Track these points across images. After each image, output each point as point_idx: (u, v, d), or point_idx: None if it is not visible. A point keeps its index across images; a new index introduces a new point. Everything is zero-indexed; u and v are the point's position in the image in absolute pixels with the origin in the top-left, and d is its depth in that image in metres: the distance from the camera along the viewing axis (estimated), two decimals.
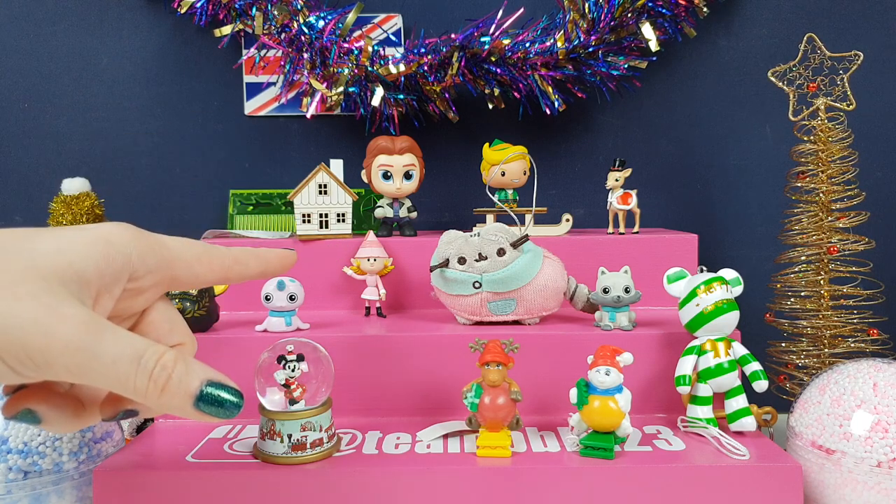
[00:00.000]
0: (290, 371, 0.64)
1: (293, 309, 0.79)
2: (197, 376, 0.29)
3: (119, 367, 0.27)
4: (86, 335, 0.27)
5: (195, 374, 0.29)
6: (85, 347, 0.26)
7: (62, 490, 0.62)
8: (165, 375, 0.28)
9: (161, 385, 0.28)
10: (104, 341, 0.27)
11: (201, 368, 0.29)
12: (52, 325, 0.26)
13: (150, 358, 0.28)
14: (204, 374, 0.29)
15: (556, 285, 0.79)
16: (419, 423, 0.74)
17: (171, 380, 0.28)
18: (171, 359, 0.28)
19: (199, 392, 0.29)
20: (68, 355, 0.26)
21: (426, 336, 0.77)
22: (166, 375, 0.28)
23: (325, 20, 0.98)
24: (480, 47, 0.95)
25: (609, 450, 0.64)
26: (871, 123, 1.03)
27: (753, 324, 0.87)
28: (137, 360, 0.27)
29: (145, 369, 0.27)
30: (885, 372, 0.65)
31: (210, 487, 0.62)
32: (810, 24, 1.03)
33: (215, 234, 0.95)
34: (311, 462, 0.64)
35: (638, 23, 0.96)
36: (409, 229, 0.94)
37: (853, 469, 0.62)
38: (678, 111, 1.08)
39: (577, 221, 0.99)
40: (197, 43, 1.06)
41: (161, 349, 0.28)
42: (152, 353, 0.28)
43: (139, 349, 0.28)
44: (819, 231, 0.85)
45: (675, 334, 0.76)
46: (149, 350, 0.28)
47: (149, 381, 0.28)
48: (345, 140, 1.08)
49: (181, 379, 0.28)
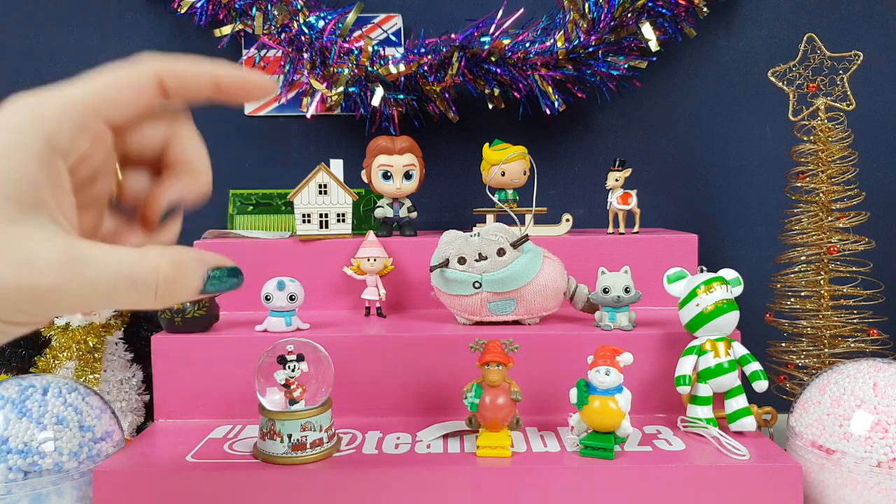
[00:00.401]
0: (290, 371, 0.64)
1: (293, 309, 0.79)
2: (198, 274, 0.28)
3: (115, 284, 0.26)
4: (69, 266, 0.25)
5: (195, 272, 0.28)
6: (74, 276, 0.25)
7: (62, 490, 0.62)
8: (170, 289, 0.27)
9: (167, 297, 0.27)
10: (91, 265, 0.25)
11: (196, 261, 0.28)
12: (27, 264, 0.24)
13: (147, 275, 0.26)
14: (202, 266, 0.28)
15: (556, 285, 0.79)
16: (419, 423, 0.74)
17: (177, 287, 0.27)
18: (171, 268, 0.27)
19: (203, 287, 0.28)
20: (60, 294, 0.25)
21: (426, 336, 0.77)
22: (171, 287, 0.27)
23: (325, 20, 0.98)
24: (480, 47, 0.95)
25: (609, 450, 0.64)
26: (871, 123, 1.03)
27: (753, 324, 0.87)
28: (134, 278, 0.26)
29: (147, 285, 0.26)
30: (885, 372, 0.65)
31: (210, 487, 0.62)
32: (810, 24, 1.03)
33: (215, 234, 0.95)
34: (311, 462, 0.64)
35: (638, 23, 0.96)
36: (409, 229, 0.94)
37: (853, 469, 0.62)
38: (678, 111, 1.08)
39: (577, 221, 0.99)
40: (197, 43, 1.06)
41: (153, 261, 0.26)
42: (147, 270, 0.26)
43: (132, 265, 0.26)
44: (819, 231, 0.85)
45: (675, 334, 0.76)
46: (141, 266, 0.26)
47: (154, 297, 0.27)
48: (345, 140, 1.08)
49: (185, 284, 0.27)
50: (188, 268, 0.27)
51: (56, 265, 0.25)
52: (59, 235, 0.26)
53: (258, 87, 0.32)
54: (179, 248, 0.28)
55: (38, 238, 0.25)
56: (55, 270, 0.25)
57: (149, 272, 0.26)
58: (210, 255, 0.29)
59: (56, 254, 0.25)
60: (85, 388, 0.70)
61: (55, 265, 0.25)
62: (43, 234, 0.25)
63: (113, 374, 0.85)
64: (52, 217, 0.26)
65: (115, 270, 0.26)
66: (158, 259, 0.26)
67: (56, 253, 0.25)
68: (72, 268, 0.25)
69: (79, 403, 0.67)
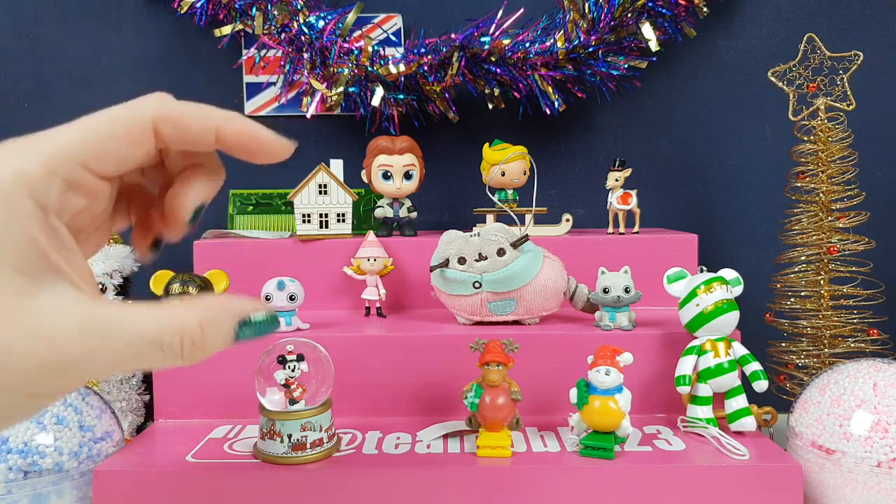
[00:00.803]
0: (290, 371, 0.64)
1: (293, 309, 0.79)
2: (227, 327, 0.26)
3: (139, 350, 0.24)
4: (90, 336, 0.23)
5: (224, 326, 0.26)
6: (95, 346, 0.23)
7: (62, 490, 0.62)
8: (198, 349, 0.25)
9: (195, 356, 0.25)
10: (112, 332, 0.24)
11: (225, 314, 0.26)
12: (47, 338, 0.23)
13: (172, 338, 0.24)
14: (231, 318, 0.26)
15: (556, 285, 0.79)
16: (419, 423, 0.74)
17: (205, 346, 0.25)
18: (196, 329, 0.25)
19: (234, 339, 0.26)
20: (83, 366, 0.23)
21: (426, 336, 0.77)
22: (199, 348, 0.25)
23: (325, 20, 0.98)
24: (480, 47, 0.95)
25: (609, 450, 0.64)
26: (871, 123, 1.03)
27: (753, 324, 0.87)
28: (158, 343, 0.24)
29: (172, 349, 0.25)
30: (885, 372, 0.65)
31: (210, 487, 0.62)
32: (810, 24, 1.03)
33: (215, 234, 0.95)
34: (311, 462, 0.64)
35: (638, 23, 0.96)
36: (409, 229, 0.94)
37: (853, 469, 0.62)
38: (678, 111, 1.08)
39: (577, 221, 0.99)
40: (197, 43, 1.06)
41: (177, 321, 0.25)
42: (171, 332, 0.25)
43: (155, 329, 0.24)
44: (819, 231, 0.85)
45: (675, 334, 0.76)
46: (166, 329, 0.24)
47: (181, 359, 0.25)
48: (345, 140, 1.08)
49: (214, 340, 0.25)
50: (216, 324, 0.26)
51: (77, 337, 0.23)
52: (77, 301, 0.24)
53: (268, 148, 0.29)
54: (207, 302, 0.26)
55: (56, 308, 0.24)
56: (76, 342, 0.23)
57: (173, 335, 0.25)
58: (240, 304, 0.26)
59: (76, 324, 0.23)
60: (85, 388, 0.70)
61: (76, 337, 0.23)
62: (60, 303, 0.24)
63: (113, 374, 0.85)
64: (67, 279, 0.25)
65: (137, 336, 0.24)
66: (183, 320, 0.25)
67: (76, 323, 0.23)
68: (93, 337, 0.24)
69: (79, 403, 0.67)
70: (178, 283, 0.78)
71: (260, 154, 0.29)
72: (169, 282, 0.78)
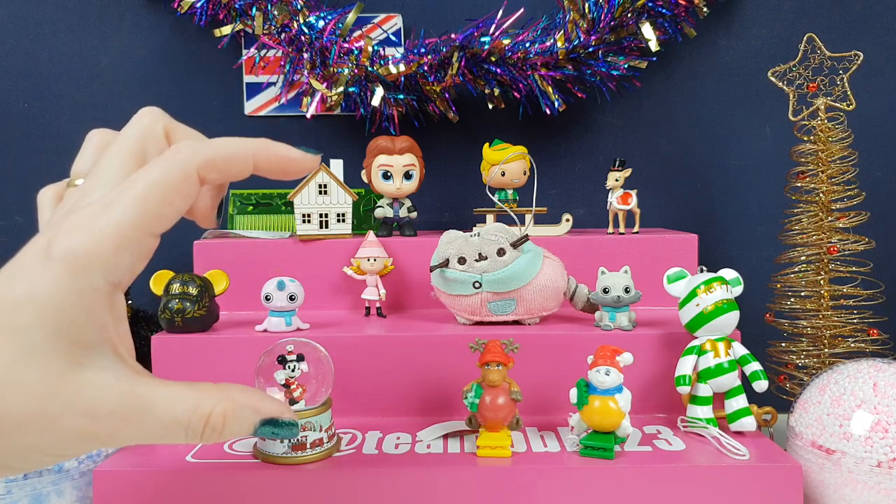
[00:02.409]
0: (290, 371, 0.64)
1: (293, 309, 0.79)
2: (249, 423, 0.28)
3: (168, 430, 0.27)
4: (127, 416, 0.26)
5: (247, 420, 0.28)
6: (130, 421, 0.26)
7: (62, 490, 0.62)
8: (216, 435, 0.27)
9: (214, 440, 0.28)
10: (148, 415, 0.26)
11: (251, 411, 0.28)
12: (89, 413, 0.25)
13: (198, 423, 0.27)
14: (255, 416, 0.28)
15: (556, 285, 0.79)
16: (419, 423, 0.74)
17: (223, 434, 0.28)
18: (219, 418, 0.27)
19: (255, 432, 0.28)
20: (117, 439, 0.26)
21: (426, 336, 0.77)
22: (217, 434, 0.27)
23: (325, 20, 0.98)
24: (480, 47, 0.95)
25: (609, 450, 0.64)
26: (871, 123, 1.03)
27: (753, 324, 0.87)
28: (185, 425, 0.27)
29: (195, 432, 0.27)
30: (885, 372, 0.65)
31: (210, 487, 0.62)
32: (810, 24, 1.03)
33: (215, 233, 0.95)
34: (311, 462, 0.64)
35: (638, 23, 0.96)
36: (409, 229, 0.94)
37: (853, 469, 0.62)
38: (678, 111, 1.08)
39: (577, 221, 0.99)
40: (197, 43, 1.06)
41: (206, 408, 0.27)
42: (199, 418, 0.27)
43: (186, 413, 0.27)
44: (819, 231, 0.85)
45: (675, 334, 0.76)
46: (195, 414, 0.27)
47: (200, 440, 0.27)
48: (345, 140, 1.08)
49: (233, 430, 0.28)
50: (240, 418, 0.28)
51: (116, 415, 0.25)
52: (121, 378, 0.26)
53: (300, 166, 0.31)
54: (239, 394, 0.28)
55: (101, 383, 0.26)
56: (115, 419, 0.25)
57: (199, 421, 0.27)
58: (269, 406, 0.29)
59: (117, 402, 0.26)
60: None
61: (115, 415, 0.25)
62: (105, 378, 0.26)
63: None
64: (115, 351, 0.27)
65: (169, 418, 0.26)
66: (211, 407, 0.27)
67: (117, 401, 0.26)
68: (130, 416, 0.26)
69: None
70: (179, 282, 0.78)
71: (293, 173, 0.31)
72: (169, 282, 0.78)
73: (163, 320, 0.78)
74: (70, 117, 1.07)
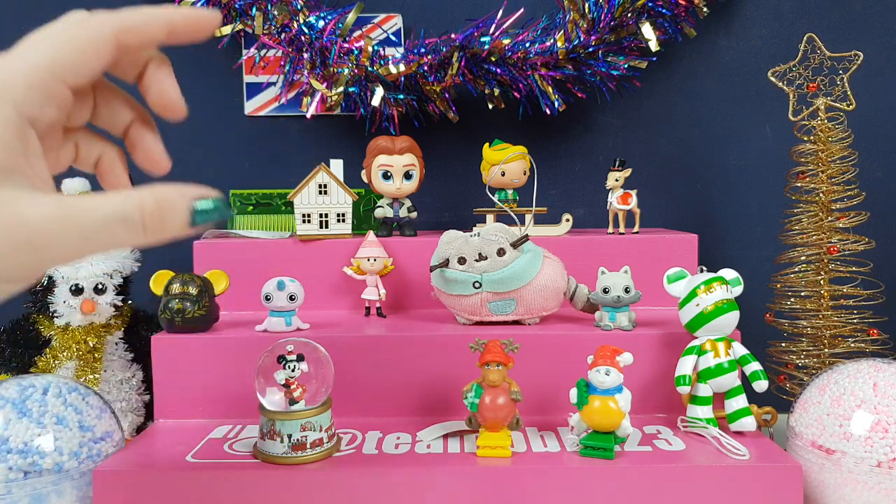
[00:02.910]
0: (290, 371, 0.64)
1: (293, 309, 0.79)
2: (182, 205, 0.29)
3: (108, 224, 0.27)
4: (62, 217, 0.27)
5: (180, 204, 0.29)
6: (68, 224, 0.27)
7: (62, 490, 0.62)
8: (157, 223, 0.28)
9: (156, 231, 0.28)
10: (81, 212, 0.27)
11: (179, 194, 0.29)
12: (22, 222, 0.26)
13: (133, 211, 0.27)
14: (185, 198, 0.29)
15: (556, 285, 0.79)
16: (419, 423, 0.74)
17: (164, 224, 0.28)
18: (152, 204, 0.28)
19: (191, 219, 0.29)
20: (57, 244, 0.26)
21: (426, 336, 0.77)
22: (158, 223, 0.28)
23: (325, 20, 0.98)
24: (480, 47, 0.95)
25: (609, 450, 0.64)
26: (871, 123, 1.03)
27: (753, 324, 0.87)
28: (122, 215, 0.27)
29: (134, 221, 0.28)
30: (885, 372, 0.65)
31: (210, 487, 0.62)
32: (810, 24, 1.03)
33: (215, 234, 0.95)
34: (311, 462, 0.64)
35: (638, 23, 0.96)
36: (409, 229, 0.94)
37: (853, 469, 0.62)
38: (678, 111, 1.08)
39: (577, 221, 0.99)
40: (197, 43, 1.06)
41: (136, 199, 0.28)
42: (132, 207, 0.28)
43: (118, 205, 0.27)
44: (819, 231, 0.85)
45: (675, 334, 0.76)
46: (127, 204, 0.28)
47: (144, 232, 0.28)
48: (345, 140, 1.08)
49: (171, 217, 0.28)
50: (172, 200, 0.29)
51: (49, 218, 0.26)
52: (47, 193, 0.27)
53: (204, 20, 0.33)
54: (163, 185, 0.29)
55: (28, 196, 0.27)
56: (50, 222, 0.26)
57: (134, 209, 0.28)
58: (193, 188, 0.30)
59: (49, 208, 0.27)
60: (85, 388, 0.69)
61: (49, 218, 0.26)
62: (27, 195, 0.27)
63: (113, 374, 0.85)
64: (31, 182, 0.28)
65: (103, 213, 0.27)
66: (142, 197, 0.28)
67: (49, 207, 0.27)
68: (65, 218, 0.27)
69: (79, 403, 0.67)
70: (179, 282, 0.78)
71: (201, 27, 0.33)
72: (169, 282, 0.78)
73: (163, 320, 0.78)
74: None
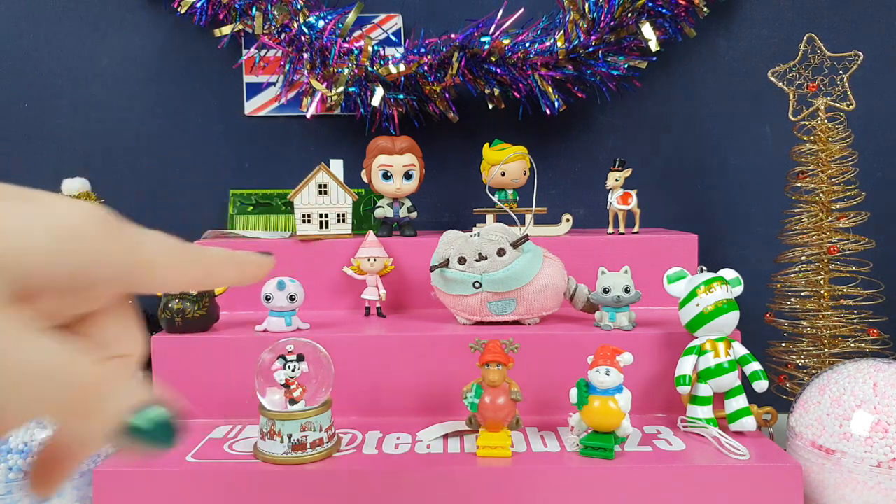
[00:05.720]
0: (290, 371, 0.64)
1: (293, 309, 0.79)
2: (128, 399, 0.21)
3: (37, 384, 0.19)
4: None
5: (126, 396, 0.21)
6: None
7: (62, 490, 0.62)
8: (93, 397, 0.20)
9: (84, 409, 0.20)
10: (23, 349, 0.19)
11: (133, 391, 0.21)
12: None
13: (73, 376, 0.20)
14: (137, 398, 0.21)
15: (556, 285, 0.79)
16: (419, 423, 0.74)
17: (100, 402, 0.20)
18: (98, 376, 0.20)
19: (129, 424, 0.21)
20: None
21: (426, 336, 0.77)
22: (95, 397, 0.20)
23: (325, 20, 0.98)
24: (480, 47, 0.95)
25: (609, 450, 0.64)
26: (871, 123, 1.03)
27: (753, 324, 0.87)
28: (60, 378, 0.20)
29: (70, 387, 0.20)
30: (885, 372, 0.65)
31: (210, 487, 0.62)
32: (810, 24, 1.03)
33: (215, 234, 0.95)
34: (311, 462, 0.64)
35: (638, 23, 0.96)
36: (409, 229, 0.94)
37: (853, 469, 0.62)
38: (678, 111, 1.08)
39: (577, 221, 0.99)
40: (197, 43, 1.06)
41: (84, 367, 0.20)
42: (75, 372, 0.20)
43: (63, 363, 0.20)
44: (819, 231, 0.85)
45: (675, 334, 0.76)
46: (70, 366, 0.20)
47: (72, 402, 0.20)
48: (345, 140, 1.08)
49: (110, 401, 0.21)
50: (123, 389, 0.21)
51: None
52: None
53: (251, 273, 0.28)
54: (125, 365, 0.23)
55: None
56: None
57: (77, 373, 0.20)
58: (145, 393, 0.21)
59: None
60: None
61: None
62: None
63: None
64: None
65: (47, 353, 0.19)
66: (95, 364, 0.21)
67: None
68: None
69: None
70: None
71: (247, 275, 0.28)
72: None
73: (163, 320, 0.78)
74: (70, 117, 1.07)
